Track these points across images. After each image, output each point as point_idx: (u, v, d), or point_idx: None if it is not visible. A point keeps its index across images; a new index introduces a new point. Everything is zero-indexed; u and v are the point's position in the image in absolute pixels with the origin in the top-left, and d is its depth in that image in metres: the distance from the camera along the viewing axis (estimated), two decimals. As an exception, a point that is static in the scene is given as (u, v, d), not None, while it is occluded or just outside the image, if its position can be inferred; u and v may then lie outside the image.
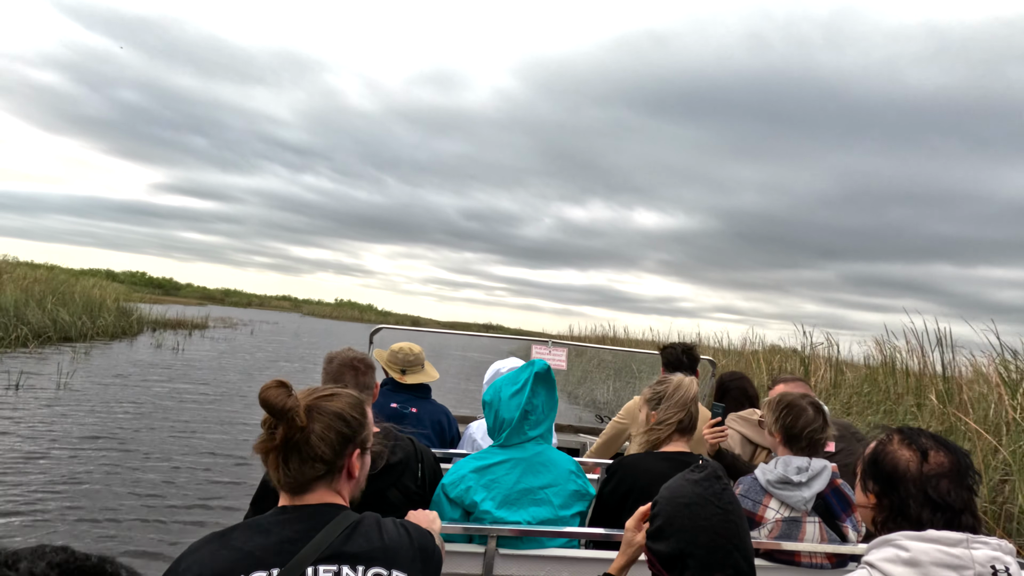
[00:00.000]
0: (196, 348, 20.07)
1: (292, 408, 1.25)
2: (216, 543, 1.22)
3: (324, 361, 2.20)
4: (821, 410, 2.22)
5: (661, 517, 1.39)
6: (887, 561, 1.28)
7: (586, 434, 4.97)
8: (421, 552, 1.33)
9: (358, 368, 2.15)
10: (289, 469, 1.27)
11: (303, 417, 1.27)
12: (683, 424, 2.20)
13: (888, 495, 1.36)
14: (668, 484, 1.45)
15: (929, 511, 1.31)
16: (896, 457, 1.37)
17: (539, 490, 2.05)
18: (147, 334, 22.72)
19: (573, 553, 2.04)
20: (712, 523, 1.33)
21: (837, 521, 2.11)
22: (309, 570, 1.19)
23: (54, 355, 14.30)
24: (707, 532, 1.32)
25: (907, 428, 1.44)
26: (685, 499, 1.37)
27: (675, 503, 1.38)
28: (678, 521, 1.35)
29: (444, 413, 3.21)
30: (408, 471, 2.03)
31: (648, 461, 2.17)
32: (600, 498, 2.23)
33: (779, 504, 2.10)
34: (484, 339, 6.87)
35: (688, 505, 1.35)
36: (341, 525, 1.26)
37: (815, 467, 2.10)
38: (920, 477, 1.33)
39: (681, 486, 1.40)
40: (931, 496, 1.31)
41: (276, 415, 1.25)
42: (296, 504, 1.29)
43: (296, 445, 1.26)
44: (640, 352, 6.40)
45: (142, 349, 18.11)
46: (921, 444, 1.36)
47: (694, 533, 1.33)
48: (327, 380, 2.10)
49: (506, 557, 1.97)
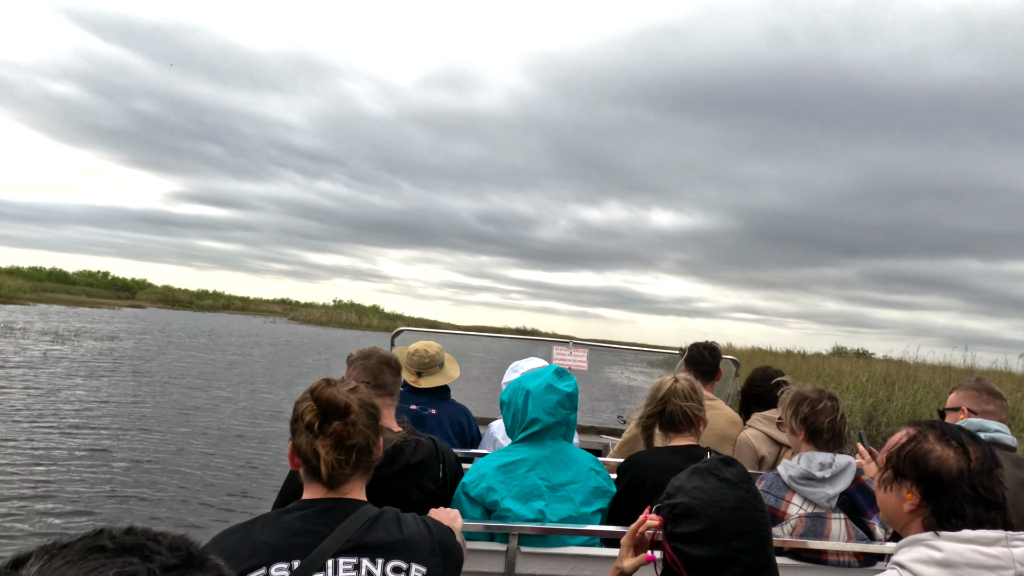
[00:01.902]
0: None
1: (349, 404, 1.32)
2: (239, 534, 1.25)
3: (359, 356, 2.22)
4: (838, 403, 2.20)
5: (702, 521, 1.30)
6: (918, 562, 1.23)
7: (608, 435, 4.95)
8: (441, 547, 1.34)
9: (394, 367, 2.20)
10: (338, 462, 1.31)
11: (356, 411, 1.34)
12: (668, 419, 2.28)
13: (937, 496, 1.28)
14: (701, 486, 1.35)
15: (983, 509, 1.24)
16: (942, 456, 1.29)
17: (560, 487, 2.06)
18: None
19: (595, 551, 2.03)
20: (757, 527, 1.29)
21: (864, 518, 2.07)
22: (329, 562, 1.21)
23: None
24: (754, 537, 1.29)
25: (937, 423, 1.37)
26: (730, 503, 1.30)
27: (719, 507, 1.30)
28: (725, 527, 1.28)
29: (464, 413, 3.21)
30: (429, 471, 2.04)
31: (656, 456, 2.23)
32: (615, 496, 2.24)
33: (802, 500, 2.07)
34: (507, 340, 6.91)
35: (735, 510, 1.29)
36: (362, 518, 1.28)
37: (839, 463, 2.07)
38: (969, 475, 1.26)
39: (718, 489, 1.33)
40: (982, 494, 1.25)
41: (337, 412, 1.31)
42: (320, 497, 1.32)
43: (347, 437, 1.32)
44: (662, 350, 6.34)
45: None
46: (961, 439, 1.30)
47: (744, 539, 1.28)
48: (365, 376, 2.13)
49: (528, 555, 1.97)
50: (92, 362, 15.78)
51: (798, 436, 2.20)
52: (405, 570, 1.26)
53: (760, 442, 2.97)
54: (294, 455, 1.37)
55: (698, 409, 2.29)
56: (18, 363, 14.35)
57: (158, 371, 15.37)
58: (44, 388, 11.65)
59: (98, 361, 16.09)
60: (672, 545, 1.34)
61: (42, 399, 10.68)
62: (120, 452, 7.97)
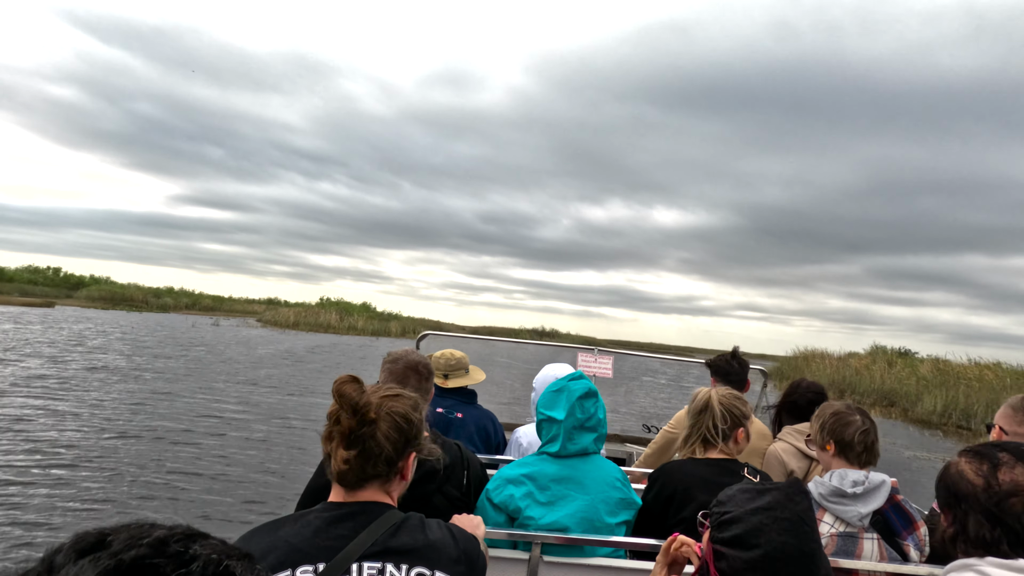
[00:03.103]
0: None
1: (366, 404, 1.30)
2: (264, 536, 1.25)
3: (388, 359, 2.20)
4: (869, 416, 2.15)
5: (762, 548, 1.23)
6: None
7: (633, 444, 4.91)
8: (465, 555, 1.33)
9: (422, 373, 2.16)
10: (350, 463, 1.30)
11: (375, 414, 1.31)
12: (716, 432, 2.20)
13: (955, 516, 1.27)
14: (760, 507, 1.27)
15: (1000, 531, 1.21)
16: (959, 472, 1.28)
17: (585, 497, 2.04)
18: None
19: (619, 563, 2.01)
20: (814, 556, 1.23)
21: (898, 539, 2.01)
22: (354, 566, 1.21)
23: None
24: (810, 563, 1.23)
25: (985, 444, 1.32)
26: (785, 527, 1.23)
27: (776, 531, 1.24)
28: (781, 553, 1.21)
29: (490, 419, 3.22)
30: (454, 477, 2.03)
31: (689, 467, 2.18)
32: (643, 506, 2.21)
33: (833, 518, 2.02)
34: (530, 347, 6.83)
35: (790, 534, 1.22)
36: (387, 523, 1.28)
37: (873, 480, 2.01)
38: (986, 495, 1.23)
39: (775, 509, 1.26)
40: (997, 516, 1.21)
41: (350, 409, 1.30)
42: (345, 500, 1.32)
43: (361, 439, 1.30)
44: (690, 361, 6.26)
45: None
46: (996, 460, 1.26)
47: (795, 564, 1.21)
48: (390, 380, 2.11)
49: (550, 564, 1.96)
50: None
51: (828, 451, 2.15)
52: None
53: (790, 456, 2.90)
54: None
55: (741, 422, 2.24)
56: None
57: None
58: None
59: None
60: (722, 564, 1.27)
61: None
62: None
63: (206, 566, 0.50)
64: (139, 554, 0.48)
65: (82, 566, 0.47)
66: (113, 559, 0.47)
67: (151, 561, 0.48)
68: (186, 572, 0.48)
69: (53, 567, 0.48)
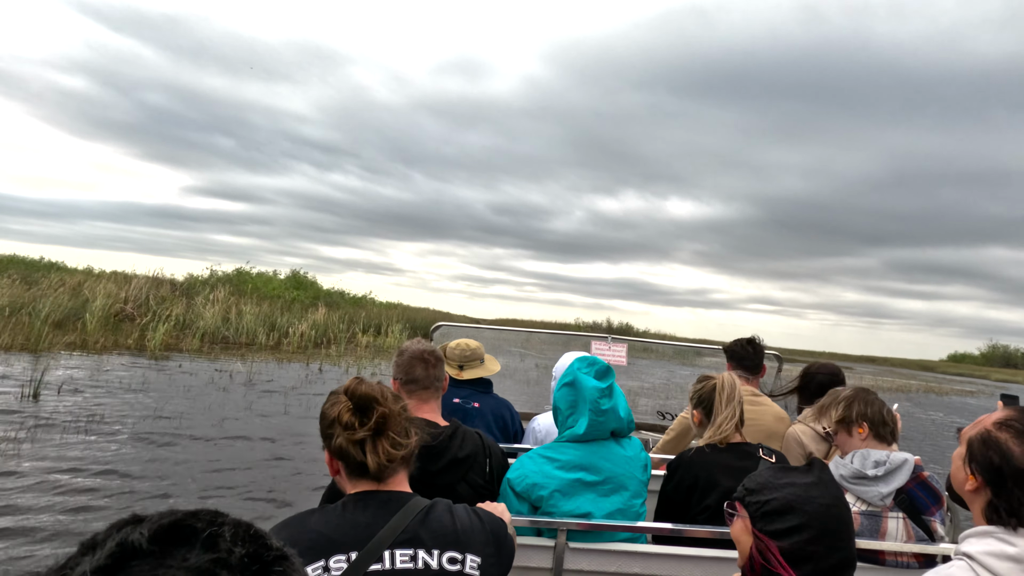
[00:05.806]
0: None
1: (380, 395, 1.36)
2: (295, 527, 1.27)
3: (397, 352, 2.22)
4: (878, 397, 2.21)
5: (799, 516, 1.26)
6: (989, 555, 1.17)
7: (648, 431, 4.90)
8: (494, 537, 1.35)
9: (428, 361, 2.16)
10: (379, 453, 1.32)
11: (385, 398, 1.36)
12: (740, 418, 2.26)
13: (997, 489, 1.23)
14: (795, 482, 1.31)
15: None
16: (1011, 450, 1.23)
17: (608, 481, 2.04)
18: None
19: (644, 548, 2.02)
20: (848, 523, 1.29)
21: (924, 516, 2.00)
22: (386, 553, 1.22)
23: None
24: (845, 533, 1.28)
25: (1018, 416, 1.28)
26: (825, 500, 1.28)
27: (816, 504, 1.27)
28: (821, 522, 1.25)
29: (507, 407, 3.22)
30: (476, 465, 2.05)
31: (709, 454, 2.20)
32: (663, 495, 2.22)
33: (855, 498, 2.01)
34: (543, 335, 6.86)
35: (830, 507, 1.27)
36: (415, 510, 1.30)
37: (895, 460, 2.00)
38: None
39: (811, 487, 1.30)
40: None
41: (372, 404, 1.34)
42: (371, 490, 1.34)
43: (386, 427, 1.34)
44: (702, 346, 6.23)
45: None
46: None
47: (835, 536, 1.25)
48: (398, 372, 2.15)
49: (576, 551, 1.97)
50: None
51: (860, 434, 2.14)
52: (460, 560, 1.27)
53: (809, 439, 2.89)
54: (333, 460, 1.38)
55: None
56: None
57: None
58: None
59: None
60: (765, 543, 1.29)
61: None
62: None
63: (236, 526, 0.55)
64: (175, 519, 0.53)
65: (125, 531, 0.52)
66: (152, 523, 0.53)
67: (187, 523, 0.53)
68: (218, 528, 0.53)
69: (95, 542, 0.52)
